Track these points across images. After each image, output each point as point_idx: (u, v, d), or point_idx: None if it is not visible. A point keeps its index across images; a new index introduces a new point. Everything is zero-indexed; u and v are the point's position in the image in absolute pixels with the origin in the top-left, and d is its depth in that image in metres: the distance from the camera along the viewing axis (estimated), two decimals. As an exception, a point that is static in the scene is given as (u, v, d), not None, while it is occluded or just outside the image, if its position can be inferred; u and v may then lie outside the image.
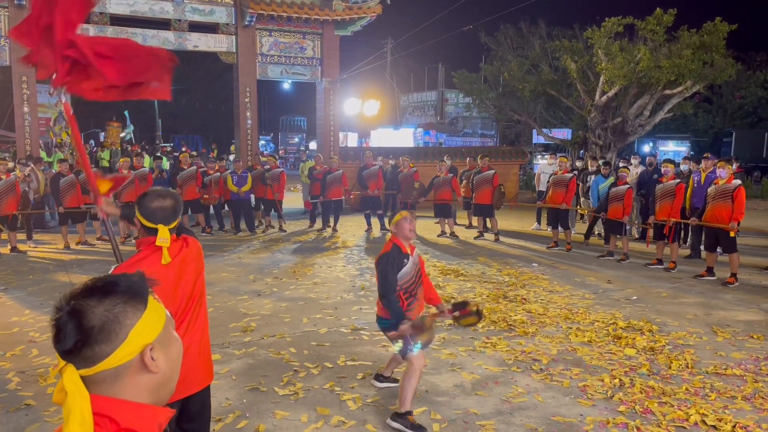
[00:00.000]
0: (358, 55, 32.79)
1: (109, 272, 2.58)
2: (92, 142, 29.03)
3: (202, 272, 2.95)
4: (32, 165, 12.10)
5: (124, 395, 1.12)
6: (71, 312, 1.09)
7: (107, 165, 20.25)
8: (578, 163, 14.45)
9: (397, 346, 4.25)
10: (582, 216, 13.91)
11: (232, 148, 23.92)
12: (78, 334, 1.08)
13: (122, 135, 31.06)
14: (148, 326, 1.13)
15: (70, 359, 1.09)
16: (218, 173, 12.82)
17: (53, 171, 14.34)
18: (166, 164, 17.89)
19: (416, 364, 4.10)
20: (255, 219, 13.92)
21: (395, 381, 4.71)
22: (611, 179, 10.91)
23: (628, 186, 9.98)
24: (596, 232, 12.69)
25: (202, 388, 2.89)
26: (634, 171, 11.80)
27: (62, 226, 11.01)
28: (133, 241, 11.34)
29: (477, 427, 4.15)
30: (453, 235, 12.42)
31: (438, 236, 12.39)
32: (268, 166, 13.42)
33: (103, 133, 33.12)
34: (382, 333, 6.12)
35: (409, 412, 4.10)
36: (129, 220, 2.95)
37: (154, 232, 2.75)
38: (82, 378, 1.09)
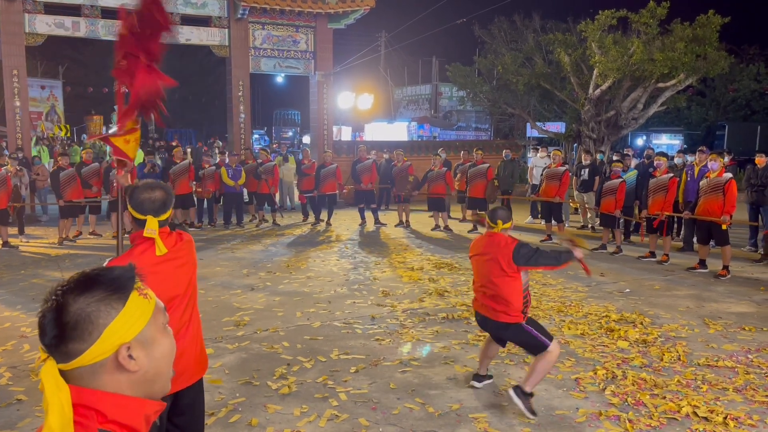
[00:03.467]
0: (352, 49, 32.67)
1: (104, 264, 2.57)
2: (84, 136, 28.87)
3: (195, 267, 2.94)
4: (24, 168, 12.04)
5: (105, 390, 1.11)
6: (52, 306, 1.10)
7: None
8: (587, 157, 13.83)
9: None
10: (576, 209, 13.93)
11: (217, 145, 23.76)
12: (54, 329, 1.08)
13: (112, 130, 30.86)
14: (125, 325, 1.11)
15: (50, 352, 1.09)
16: (213, 167, 12.79)
17: (45, 164, 14.28)
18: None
19: (554, 351, 4.22)
20: (248, 213, 13.92)
21: (491, 377, 4.72)
22: (633, 172, 10.80)
23: (621, 179, 10.00)
24: (590, 226, 12.72)
25: (192, 383, 2.87)
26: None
27: (62, 219, 10.94)
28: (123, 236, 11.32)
29: (470, 420, 4.16)
30: (447, 228, 12.41)
31: (432, 230, 12.39)
32: (260, 160, 13.40)
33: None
34: (375, 327, 6.14)
35: (531, 394, 4.20)
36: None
37: (144, 224, 2.72)
38: (64, 372, 1.09)
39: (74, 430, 1.06)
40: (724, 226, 8.27)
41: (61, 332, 1.08)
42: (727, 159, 10.84)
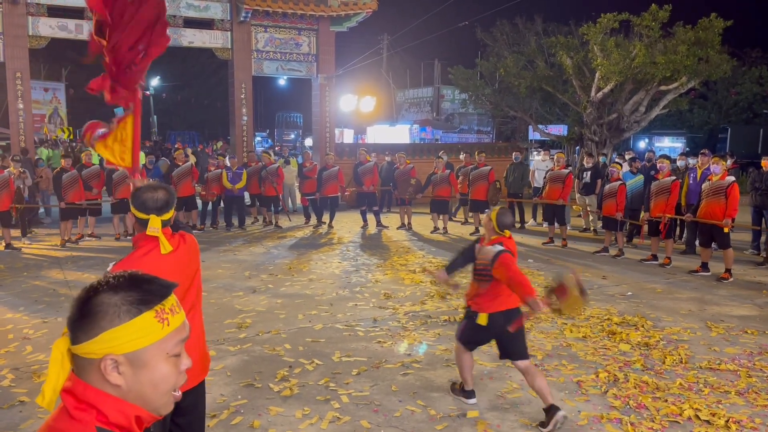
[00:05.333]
0: (354, 51, 32.68)
1: (108, 268, 2.59)
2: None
3: (198, 267, 2.95)
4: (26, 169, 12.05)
5: (95, 386, 1.14)
6: (87, 290, 1.15)
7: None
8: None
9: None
10: (579, 214, 13.92)
11: (219, 145, 23.82)
12: (74, 310, 1.14)
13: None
14: (121, 339, 1.11)
15: (69, 330, 1.15)
16: (219, 170, 12.81)
17: (48, 168, 14.30)
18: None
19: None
20: (250, 215, 13.94)
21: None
22: (640, 176, 10.68)
23: (620, 182, 9.99)
24: (592, 228, 12.71)
25: (195, 385, 2.88)
26: (626, 166, 11.73)
27: (63, 221, 10.96)
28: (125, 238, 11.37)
29: (472, 423, 4.16)
30: (445, 231, 12.41)
31: (431, 232, 12.39)
32: (263, 163, 13.42)
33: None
34: (377, 329, 6.15)
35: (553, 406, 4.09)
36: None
37: (146, 223, 2.73)
38: (74, 354, 1.14)
39: (73, 425, 1.10)
40: (726, 230, 8.27)
41: (76, 315, 1.13)
42: (729, 162, 10.82)
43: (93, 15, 3.18)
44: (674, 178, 9.36)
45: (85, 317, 1.11)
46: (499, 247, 4.16)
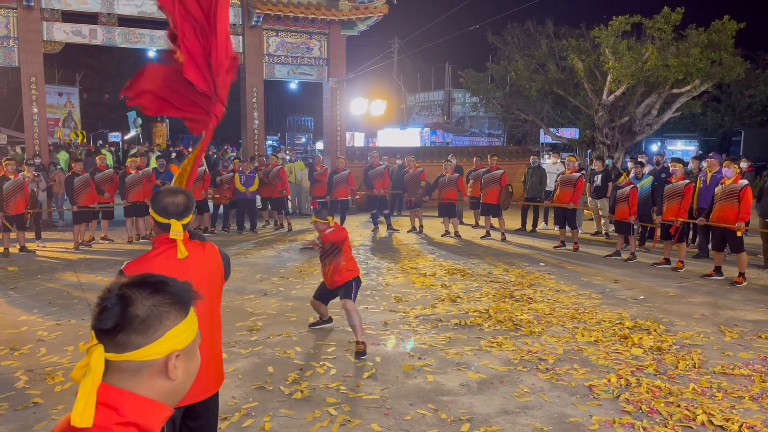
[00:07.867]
0: (365, 55, 32.71)
1: (121, 268, 2.61)
2: (100, 142, 29.16)
3: (217, 274, 2.93)
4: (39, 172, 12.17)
5: (136, 391, 1.15)
6: (121, 296, 1.15)
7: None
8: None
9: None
10: (591, 218, 13.85)
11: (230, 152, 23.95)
12: (120, 317, 1.13)
13: (129, 136, 31.12)
14: (183, 334, 1.18)
15: (102, 339, 1.13)
16: (231, 173, 12.89)
17: (62, 172, 14.44)
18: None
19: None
20: (262, 219, 13.99)
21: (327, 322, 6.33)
22: (648, 179, 10.61)
23: (632, 186, 9.93)
24: (603, 232, 12.64)
25: (212, 395, 2.88)
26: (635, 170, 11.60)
27: (76, 225, 11.05)
28: (137, 241, 11.47)
29: (482, 427, 4.15)
30: (457, 234, 12.41)
31: (442, 236, 12.38)
32: (267, 166, 13.54)
33: (115, 134, 33.25)
34: (388, 333, 6.16)
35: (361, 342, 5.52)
36: None
37: (167, 228, 2.76)
38: (108, 362, 1.13)
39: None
40: (739, 233, 8.21)
41: (126, 322, 1.13)
42: (744, 165, 10.71)
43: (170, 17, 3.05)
44: (687, 181, 9.29)
45: (144, 321, 1.13)
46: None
